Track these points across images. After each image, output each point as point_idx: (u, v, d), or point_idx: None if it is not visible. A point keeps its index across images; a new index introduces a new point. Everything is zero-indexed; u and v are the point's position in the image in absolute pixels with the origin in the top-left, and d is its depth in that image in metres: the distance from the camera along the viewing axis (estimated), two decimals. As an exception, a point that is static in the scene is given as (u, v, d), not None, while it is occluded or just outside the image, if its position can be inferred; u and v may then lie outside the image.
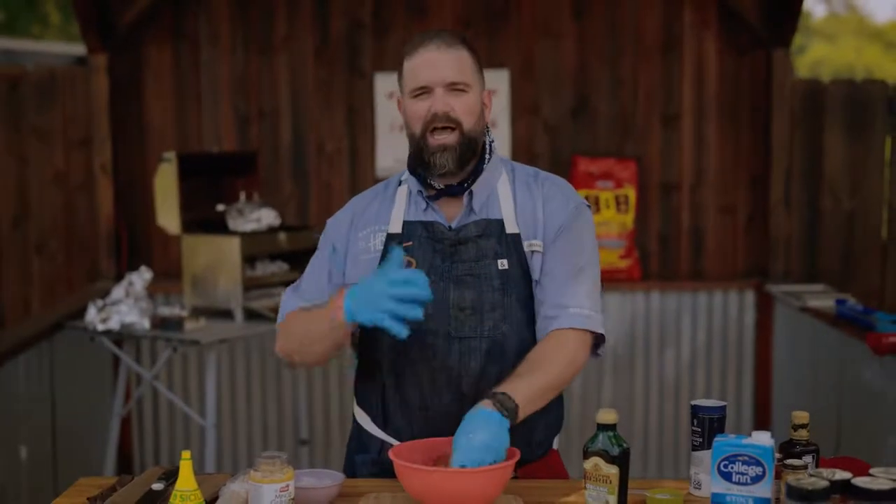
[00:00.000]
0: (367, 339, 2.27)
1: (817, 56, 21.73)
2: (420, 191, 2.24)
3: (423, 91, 2.17)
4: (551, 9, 5.29)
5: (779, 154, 5.19)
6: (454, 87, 2.17)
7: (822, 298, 4.63)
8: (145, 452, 5.35)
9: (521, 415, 2.03)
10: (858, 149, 5.15)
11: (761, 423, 5.17)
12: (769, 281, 5.17)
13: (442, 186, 2.22)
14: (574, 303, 2.17)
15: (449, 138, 2.17)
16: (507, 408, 1.98)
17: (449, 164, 2.17)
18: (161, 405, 5.33)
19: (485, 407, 1.98)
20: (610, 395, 5.26)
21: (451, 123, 2.16)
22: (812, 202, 5.23)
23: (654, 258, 5.36)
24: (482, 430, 1.94)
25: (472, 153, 2.21)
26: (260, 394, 5.34)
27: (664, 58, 5.30)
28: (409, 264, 2.19)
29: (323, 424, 5.34)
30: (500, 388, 2.04)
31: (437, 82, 2.16)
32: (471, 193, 2.22)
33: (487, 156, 2.25)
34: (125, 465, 5.19)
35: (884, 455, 3.72)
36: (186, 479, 1.88)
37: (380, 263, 2.20)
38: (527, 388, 2.06)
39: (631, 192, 5.22)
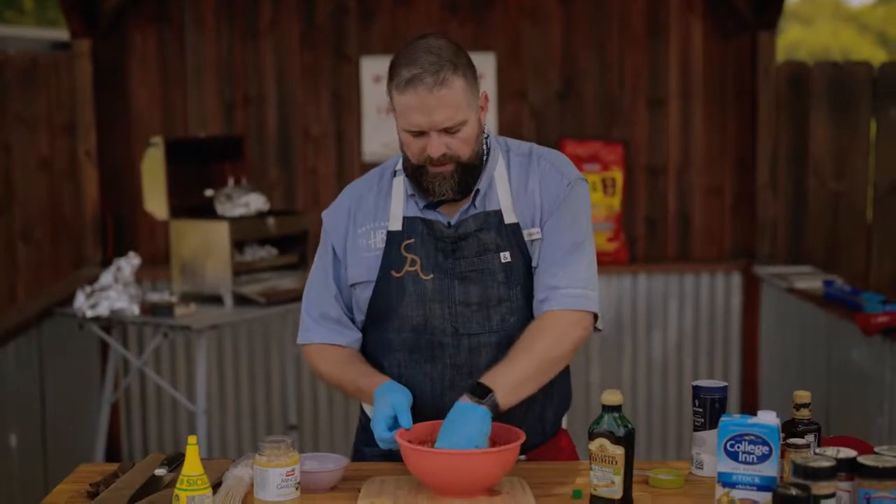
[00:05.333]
0: (374, 337, 2.25)
1: (794, 38, 21.79)
2: (412, 195, 2.20)
3: (418, 133, 2.10)
4: (537, -8, 5.29)
5: (764, 137, 5.21)
6: (449, 130, 2.09)
7: (810, 280, 4.66)
8: (133, 439, 5.32)
9: (506, 402, 2.03)
10: (843, 131, 5.18)
11: (749, 404, 5.20)
12: (756, 263, 5.20)
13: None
14: (565, 283, 2.14)
15: (447, 168, 2.11)
16: (488, 401, 2.00)
17: (448, 192, 2.13)
18: (149, 392, 5.31)
19: (464, 401, 2.01)
20: (598, 377, 5.28)
21: (449, 161, 2.11)
22: (798, 184, 5.26)
23: (641, 241, 5.37)
24: (462, 424, 1.98)
25: (471, 176, 2.15)
26: (248, 379, 5.32)
27: (650, 41, 5.30)
28: (412, 262, 2.18)
29: (311, 409, 5.33)
30: (484, 378, 2.04)
31: (431, 127, 2.08)
32: (477, 192, 2.19)
33: (485, 157, 2.20)
34: (114, 452, 5.17)
35: (872, 435, 3.74)
36: (193, 464, 1.88)
37: (382, 260, 2.19)
38: (511, 374, 2.05)
39: (618, 175, 5.23)
